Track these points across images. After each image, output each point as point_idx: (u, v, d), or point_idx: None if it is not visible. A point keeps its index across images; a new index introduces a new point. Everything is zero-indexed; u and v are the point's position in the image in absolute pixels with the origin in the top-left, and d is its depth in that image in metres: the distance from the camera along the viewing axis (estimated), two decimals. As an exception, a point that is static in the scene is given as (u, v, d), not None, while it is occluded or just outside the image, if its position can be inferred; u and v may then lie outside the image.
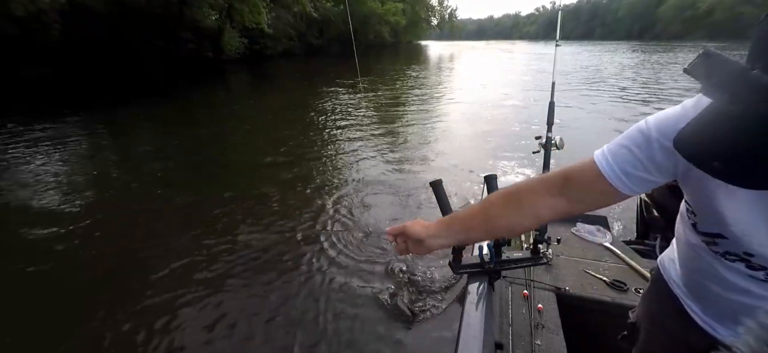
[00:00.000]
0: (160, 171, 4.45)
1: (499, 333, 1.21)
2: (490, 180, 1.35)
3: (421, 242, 0.83)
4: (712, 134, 0.44)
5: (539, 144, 1.63)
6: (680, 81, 11.30)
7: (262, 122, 7.38)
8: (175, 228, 3.04)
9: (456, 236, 0.86)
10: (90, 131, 6.31)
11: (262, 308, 2.09)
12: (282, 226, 2.96)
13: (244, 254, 2.58)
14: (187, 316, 2.03)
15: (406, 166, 4.34)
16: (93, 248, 2.74)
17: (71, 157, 4.88)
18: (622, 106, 7.83)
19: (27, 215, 3.28)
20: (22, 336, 1.95)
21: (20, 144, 5.26)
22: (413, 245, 0.85)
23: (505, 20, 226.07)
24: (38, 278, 2.41)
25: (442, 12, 66.42)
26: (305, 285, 2.28)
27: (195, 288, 2.25)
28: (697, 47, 31.46)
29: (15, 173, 4.27)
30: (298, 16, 25.95)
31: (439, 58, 28.48)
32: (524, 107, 7.93)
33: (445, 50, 42.58)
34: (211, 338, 1.89)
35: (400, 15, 42.34)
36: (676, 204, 1.15)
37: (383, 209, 3.22)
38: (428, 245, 0.84)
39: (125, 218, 3.19)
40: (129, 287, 2.31)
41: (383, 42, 41.68)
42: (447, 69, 20.12)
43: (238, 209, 3.27)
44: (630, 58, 22.56)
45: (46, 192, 3.70)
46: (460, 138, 5.72)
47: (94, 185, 3.97)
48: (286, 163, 4.52)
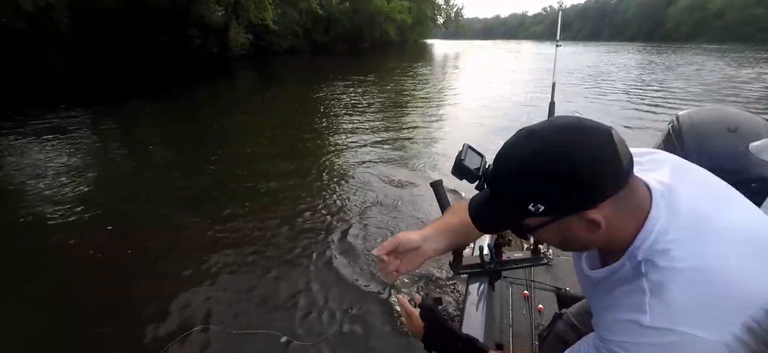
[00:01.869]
0: (164, 164, 4.50)
1: (500, 334, 1.21)
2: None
3: (417, 250, 0.80)
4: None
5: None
6: (686, 84, 11.18)
7: (266, 117, 7.40)
8: (178, 218, 3.07)
9: (453, 238, 0.83)
10: (96, 123, 6.38)
11: (259, 298, 2.10)
12: (281, 222, 2.97)
13: (244, 246, 2.60)
14: (190, 303, 2.05)
15: (408, 164, 4.34)
16: (97, 237, 2.77)
17: (78, 147, 4.94)
18: (623, 106, 7.77)
19: (33, 200, 3.33)
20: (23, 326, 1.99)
21: (28, 135, 5.33)
22: (408, 260, 0.81)
23: (511, 20, 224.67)
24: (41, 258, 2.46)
25: (448, 10, 66.14)
26: (304, 282, 2.29)
27: (196, 274, 2.27)
28: (706, 50, 31.15)
29: (24, 161, 4.34)
30: (304, 13, 25.96)
31: (445, 57, 28.39)
32: (526, 106, 7.89)
33: (450, 49, 42.41)
34: (212, 329, 1.91)
35: (406, 13, 42.20)
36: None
37: (384, 208, 3.23)
38: (424, 251, 0.81)
39: (131, 208, 3.22)
40: (131, 274, 2.34)
41: (389, 40, 41.58)
42: (452, 68, 20.06)
43: (240, 200, 3.29)
44: (636, 59, 22.34)
45: (54, 179, 3.76)
46: (461, 137, 5.70)
47: (99, 176, 4.01)
48: (288, 159, 4.53)
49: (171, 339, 1.86)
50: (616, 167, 0.50)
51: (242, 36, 20.95)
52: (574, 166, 0.50)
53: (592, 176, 0.50)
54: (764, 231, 0.54)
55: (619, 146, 0.51)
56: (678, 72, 14.80)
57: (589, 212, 0.52)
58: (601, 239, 0.56)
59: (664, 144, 1.17)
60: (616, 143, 0.51)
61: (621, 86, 11.09)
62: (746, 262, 0.50)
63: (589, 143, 0.51)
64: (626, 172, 0.52)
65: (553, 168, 0.51)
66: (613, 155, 0.50)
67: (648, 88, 10.78)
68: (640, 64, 18.70)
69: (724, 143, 1.01)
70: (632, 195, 0.54)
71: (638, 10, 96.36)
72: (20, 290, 2.27)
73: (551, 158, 0.51)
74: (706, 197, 0.56)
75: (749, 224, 0.55)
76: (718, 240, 0.51)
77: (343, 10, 31.88)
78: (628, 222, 0.54)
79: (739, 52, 26.51)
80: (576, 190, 0.51)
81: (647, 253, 0.52)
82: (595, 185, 0.51)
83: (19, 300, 2.20)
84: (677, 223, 0.52)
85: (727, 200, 0.58)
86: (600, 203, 0.51)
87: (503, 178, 0.56)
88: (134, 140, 5.78)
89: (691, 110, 1.15)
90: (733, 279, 0.49)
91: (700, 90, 10.25)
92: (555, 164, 0.51)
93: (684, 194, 0.55)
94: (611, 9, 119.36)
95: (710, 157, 1.03)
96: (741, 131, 1.00)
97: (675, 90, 10.27)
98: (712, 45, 42.77)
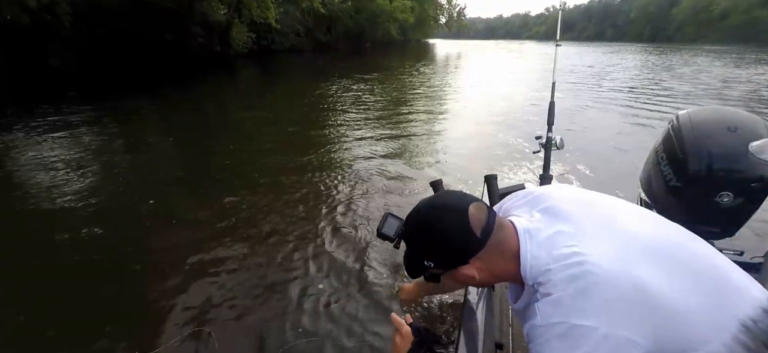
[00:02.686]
0: (166, 157, 4.51)
1: (499, 333, 1.21)
2: (490, 180, 1.34)
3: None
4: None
5: (539, 144, 1.62)
6: (687, 84, 11.13)
7: (268, 112, 7.40)
8: (181, 211, 3.07)
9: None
10: (99, 118, 6.40)
11: (259, 293, 2.11)
12: (280, 219, 2.98)
13: (245, 241, 2.60)
14: (192, 297, 2.06)
15: (409, 163, 4.33)
16: (102, 228, 2.78)
17: (81, 142, 4.96)
18: (624, 105, 7.70)
19: (38, 192, 3.35)
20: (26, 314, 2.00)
21: (33, 130, 5.36)
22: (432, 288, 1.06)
23: (514, 20, 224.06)
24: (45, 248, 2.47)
25: (450, 10, 66.01)
26: (303, 279, 2.29)
27: (199, 268, 2.28)
28: (709, 51, 31.01)
29: (29, 154, 4.37)
30: (306, 11, 25.98)
31: (447, 57, 28.35)
32: (527, 106, 7.87)
33: (452, 49, 42.34)
34: (211, 318, 1.91)
35: (409, 13, 42.17)
36: (676, 205, 1.14)
37: (383, 207, 3.22)
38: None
39: (135, 200, 3.24)
40: (130, 267, 2.35)
41: (391, 40, 41.57)
42: (453, 67, 20.03)
43: (242, 195, 3.30)
44: (638, 58, 22.26)
45: (58, 172, 3.78)
46: (462, 136, 5.70)
47: (102, 169, 4.02)
48: (289, 154, 4.53)
49: (177, 331, 1.87)
50: (466, 239, 0.68)
51: (245, 34, 20.98)
52: (437, 239, 0.71)
53: (451, 246, 0.70)
54: (615, 239, 0.66)
55: (473, 220, 0.68)
56: (679, 72, 14.73)
57: (463, 268, 0.71)
58: (492, 279, 0.73)
59: (663, 143, 1.17)
60: (470, 218, 0.68)
61: (621, 86, 11.04)
62: (606, 266, 0.61)
63: (448, 220, 0.70)
64: (482, 238, 0.68)
65: (427, 239, 0.72)
66: (465, 230, 0.68)
67: (648, 87, 10.74)
68: (641, 64, 18.63)
69: (723, 142, 1.01)
70: (499, 243, 0.70)
71: (642, 10, 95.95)
72: (22, 281, 2.29)
73: (425, 232, 0.72)
74: (565, 221, 0.69)
75: (600, 236, 0.66)
76: (573, 255, 0.63)
77: (345, 9, 31.89)
78: (506, 263, 0.70)
79: (741, 54, 26.36)
80: (446, 254, 0.71)
81: (532, 279, 0.66)
82: (458, 250, 0.69)
83: (21, 290, 2.21)
84: (540, 250, 0.67)
85: (583, 220, 0.70)
86: (470, 260, 0.70)
87: (406, 242, 0.77)
88: (137, 135, 5.80)
89: (691, 110, 1.14)
90: (592, 279, 0.61)
91: (700, 90, 10.21)
92: (428, 236, 0.72)
93: (542, 229, 0.69)
94: (614, 10, 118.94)
95: (710, 156, 1.03)
96: (741, 131, 0.99)
97: (675, 89, 10.23)
98: (716, 46, 42.51)
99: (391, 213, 0.82)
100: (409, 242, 0.76)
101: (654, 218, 0.74)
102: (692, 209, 1.11)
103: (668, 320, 0.59)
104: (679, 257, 0.65)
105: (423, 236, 0.73)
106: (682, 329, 0.60)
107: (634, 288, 0.59)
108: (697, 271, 0.64)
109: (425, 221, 0.73)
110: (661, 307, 0.59)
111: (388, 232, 0.80)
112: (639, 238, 0.66)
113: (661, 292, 0.60)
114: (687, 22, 75.13)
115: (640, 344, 0.57)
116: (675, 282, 0.61)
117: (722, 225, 1.12)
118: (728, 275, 0.65)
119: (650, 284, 0.60)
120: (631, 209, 0.74)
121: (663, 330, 0.59)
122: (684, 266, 0.64)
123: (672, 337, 0.59)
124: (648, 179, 1.25)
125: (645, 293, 0.59)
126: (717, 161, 1.02)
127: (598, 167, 3.94)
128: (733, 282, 0.64)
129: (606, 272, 0.60)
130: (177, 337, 1.85)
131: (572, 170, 3.85)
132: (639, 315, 0.58)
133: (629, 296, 0.59)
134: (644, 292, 0.59)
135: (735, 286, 0.64)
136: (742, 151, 0.97)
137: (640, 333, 0.58)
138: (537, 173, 3.37)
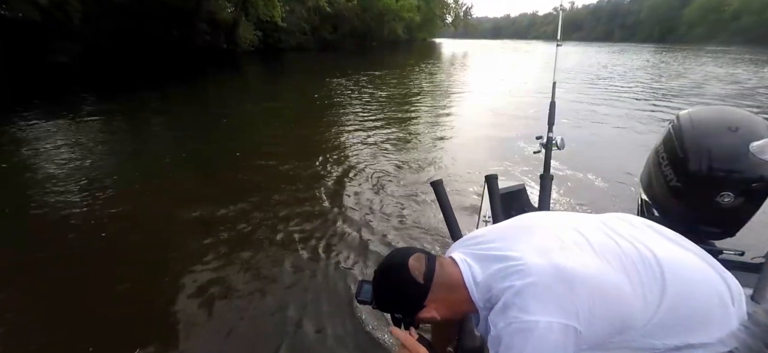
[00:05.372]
0: (171, 151, 4.55)
1: None
2: (490, 180, 1.34)
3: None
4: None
5: (540, 144, 1.61)
6: (688, 83, 10.97)
7: (273, 108, 7.44)
8: (183, 207, 3.11)
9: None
10: (107, 112, 6.48)
11: (259, 288, 2.13)
12: (279, 217, 2.99)
13: (246, 236, 2.63)
14: (195, 289, 2.08)
15: (409, 162, 4.33)
16: (108, 221, 2.82)
17: (89, 137, 5.03)
18: (624, 105, 7.61)
19: (44, 183, 3.40)
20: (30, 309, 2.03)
21: (42, 123, 5.44)
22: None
23: (521, 19, 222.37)
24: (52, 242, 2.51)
25: (456, 9, 65.63)
26: (302, 278, 2.30)
27: (201, 259, 2.30)
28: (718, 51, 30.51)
29: (36, 146, 4.44)
30: (312, 10, 26.03)
31: (452, 56, 28.24)
32: (528, 105, 7.82)
33: (458, 48, 42.15)
34: (212, 314, 1.93)
35: (415, 12, 42.03)
36: (677, 205, 1.13)
37: (384, 206, 3.23)
38: None
39: (140, 193, 3.27)
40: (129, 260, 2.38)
41: (397, 39, 41.48)
42: (459, 66, 19.95)
43: (243, 190, 3.32)
44: (643, 58, 21.97)
45: (65, 164, 3.84)
46: (463, 135, 5.68)
47: (109, 162, 4.07)
48: (290, 152, 4.56)
49: (177, 322, 1.89)
50: (413, 288, 0.77)
51: (251, 32, 21.10)
52: (390, 295, 0.83)
53: (404, 296, 0.79)
54: (543, 249, 0.72)
55: (413, 270, 0.77)
56: (683, 72, 14.55)
57: (422, 312, 0.80)
58: (452, 312, 0.80)
59: (664, 143, 1.16)
60: (411, 270, 0.77)
61: (623, 85, 10.93)
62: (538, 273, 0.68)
63: (393, 278, 0.81)
64: (425, 284, 0.77)
65: (385, 297, 0.84)
66: (408, 282, 0.77)
67: (650, 87, 10.62)
68: (645, 64, 18.38)
69: (724, 142, 1.00)
70: (445, 280, 0.78)
71: (652, 10, 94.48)
72: (23, 273, 2.33)
73: (382, 292, 0.85)
74: (494, 240, 0.79)
75: (532, 248, 0.73)
76: (504, 259, 0.73)
77: (351, 8, 31.88)
78: (457, 294, 0.77)
79: (753, 54, 25.89)
80: (403, 304, 0.81)
81: (482, 299, 0.74)
82: (410, 297, 0.79)
83: (22, 281, 2.25)
84: (480, 271, 0.75)
85: (518, 238, 0.78)
86: (425, 303, 0.78)
87: (377, 304, 0.87)
88: (143, 129, 5.87)
89: (692, 109, 1.13)
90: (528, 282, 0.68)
91: (702, 90, 10.07)
92: (385, 295, 0.84)
93: (477, 254, 0.79)
94: (624, 10, 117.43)
95: (711, 156, 1.02)
96: (742, 131, 0.98)
97: (677, 89, 10.11)
98: (728, 47, 41.80)
99: (365, 280, 0.91)
100: (377, 303, 0.86)
101: (612, 228, 0.79)
102: (693, 210, 1.10)
103: (599, 295, 0.66)
104: (609, 244, 0.73)
105: (382, 296, 0.85)
106: (615, 302, 0.66)
107: (557, 273, 0.66)
108: (625, 252, 0.71)
109: (379, 283, 0.84)
110: (588, 285, 0.66)
111: (365, 298, 0.89)
112: (561, 235, 0.75)
113: (588, 272, 0.67)
114: (697, 23, 73.99)
115: (575, 326, 0.64)
116: (602, 263, 0.69)
117: (723, 225, 1.11)
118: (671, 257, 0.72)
119: (574, 265, 0.67)
120: (588, 221, 0.81)
121: (598, 304, 0.66)
122: (612, 248, 0.72)
123: (612, 309, 0.66)
124: (648, 179, 1.24)
125: (570, 275, 0.66)
126: (718, 161, 1.01)
127: (599, 167, 3.89)
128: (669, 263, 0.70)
129: (534, 265, 0.68)
130: (177, 337, 1.87)
131: (572, 170, 3.81)
132: (570, 298, 0.65)
133: (556, 284, 0.66)
134: (568, 274, 0.66)
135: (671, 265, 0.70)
136: (742, 151, 0.96)
137: (573, 314, 0.65)
138: (537, 173, 3.34)
